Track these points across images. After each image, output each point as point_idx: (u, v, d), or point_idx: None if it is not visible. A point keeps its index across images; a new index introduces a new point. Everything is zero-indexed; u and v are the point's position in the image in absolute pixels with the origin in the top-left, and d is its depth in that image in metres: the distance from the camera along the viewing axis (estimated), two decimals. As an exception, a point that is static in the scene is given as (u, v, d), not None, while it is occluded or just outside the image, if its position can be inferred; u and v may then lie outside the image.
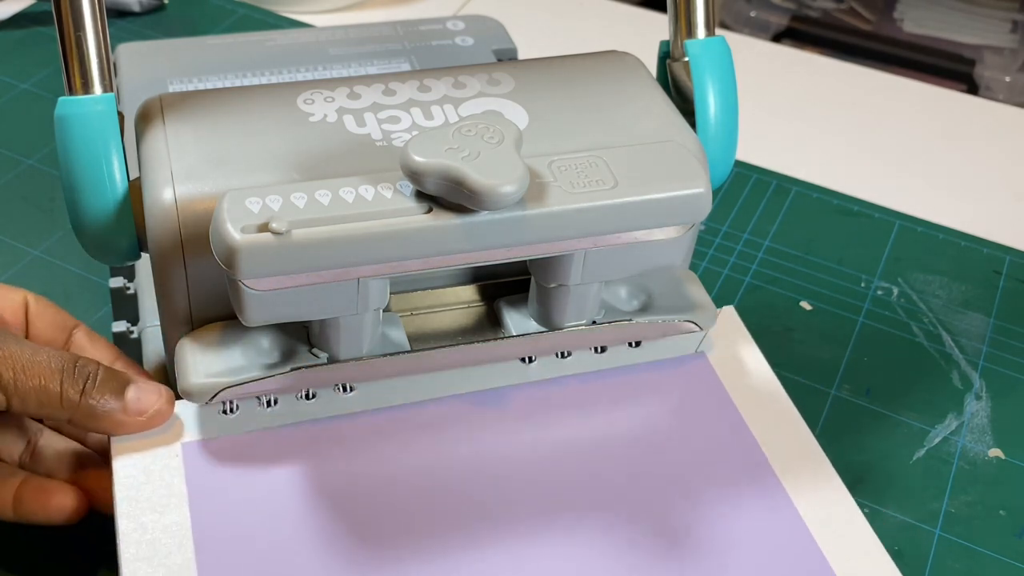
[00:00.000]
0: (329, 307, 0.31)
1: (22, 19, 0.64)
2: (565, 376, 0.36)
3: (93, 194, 0.32)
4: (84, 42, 0.32)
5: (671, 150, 0.32)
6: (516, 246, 0.30)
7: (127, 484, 0.32)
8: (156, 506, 0.32)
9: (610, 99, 0.36)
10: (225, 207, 0.29)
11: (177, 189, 0.31)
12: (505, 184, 0.28)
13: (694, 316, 0.36)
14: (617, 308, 0.36)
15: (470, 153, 0.29)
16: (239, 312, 0.31)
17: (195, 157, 0.32)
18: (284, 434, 0.34)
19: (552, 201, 0.30)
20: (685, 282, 0.37)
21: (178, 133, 0.33)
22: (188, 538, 0.31)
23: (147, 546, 0.31)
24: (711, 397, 0.36)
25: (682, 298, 0.36)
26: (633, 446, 0.35)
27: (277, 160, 0.32)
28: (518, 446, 0.34)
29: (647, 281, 0.36)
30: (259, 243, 0.28)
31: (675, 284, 0.36)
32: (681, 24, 0.38)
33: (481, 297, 0.37)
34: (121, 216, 0.32)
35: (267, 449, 0.34)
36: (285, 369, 0.33)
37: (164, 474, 0.32)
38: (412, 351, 0.34)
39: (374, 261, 0.29)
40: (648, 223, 0.31)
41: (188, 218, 0.31)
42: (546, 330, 0.35)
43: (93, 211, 0.32)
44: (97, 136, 0.32)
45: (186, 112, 0.34)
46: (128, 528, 0.31)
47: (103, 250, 0.33)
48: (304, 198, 0.29)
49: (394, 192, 0.29)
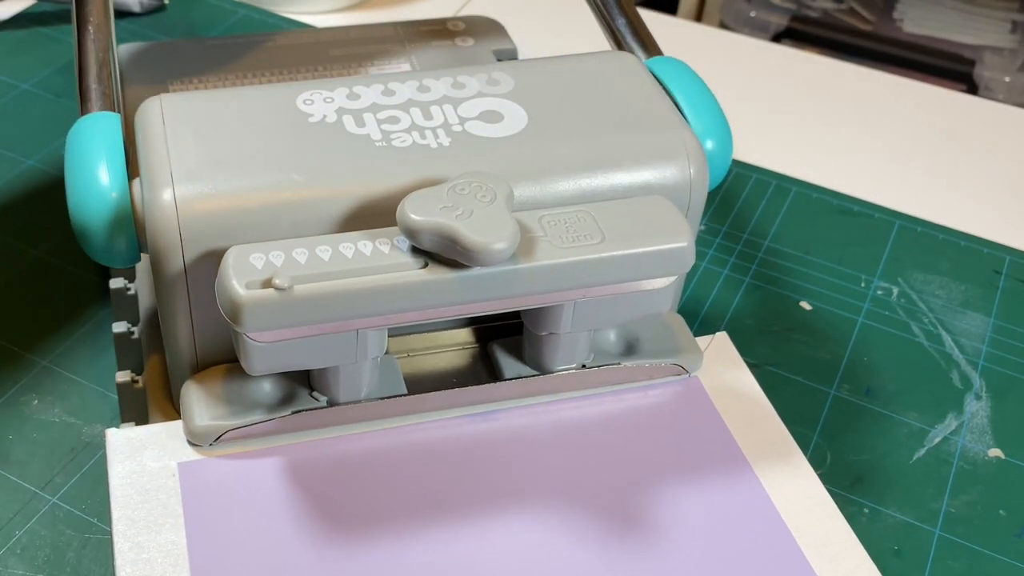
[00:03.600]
0: (330, 357, 0.32)
1: (22, 19, 0.64)
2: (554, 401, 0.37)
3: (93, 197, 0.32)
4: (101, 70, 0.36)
5: (657, 204, 0.33)
6: (508, 298, 0.31)
7: (123, 504, 0.32)
8: (152, 525, 0.32)
9: (610, 99, 0.36)
10: (230, 263, 0.30)
11: (177, 190, 0.31)
12: (497, 242, 0.30)
13: (680, 360, 0.37)
14: (606, 351, 0.37)
15: (463, 211, 0.30)
16: (244, 362, 0.32)
17: (195, 158, 0.32)
18: (282, 453, 0.34)
19: (542, 256, 0.31)
20: (672, 326, 0.38)
21: (178, 133, 0.33)
22: (184, 558, 0.31)
23: (143, 565, 0.31)
24: (703, 418, 0.37)
25: (669, 342, 0.38)
26: (622, 460, 0.35)
27: (277, 161, 0.32)
28: (512, 463, 0.35)
29: (635, 326, 0.38)
30: (263, 298, 0.29)
31: (662, 328, 0.38)
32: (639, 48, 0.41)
33: (475, 339, 0.38)
34: (121, 217, 0.32)
35: (264, 469, 0.34)
36: (286, 412, 0.34)
37: (160, 494, 0.33)
38: (409, 395, 0.35)
39: (372, 314, 0.30)
40: (634, 275, 0.32)
41: (188, 219, 0.31)
42: (538, 373, 0.36)
43: (93, 214, 0.32)
44: (100, 146, 0.33)
45: (186, 112, 0.34)
46: (124, 547, 0.31)
47: (104, 252, 0.33)
48: (305, 253, 0.30)
49: (391, 248, 0.31)
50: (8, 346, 0.43)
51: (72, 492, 0.38)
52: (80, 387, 0.42)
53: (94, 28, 0.37)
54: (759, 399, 0.38)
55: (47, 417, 0.41)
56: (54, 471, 0.39)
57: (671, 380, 0.38)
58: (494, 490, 0.34)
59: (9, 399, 0.41)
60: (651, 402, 0.37)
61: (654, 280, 0.33)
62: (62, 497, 0.38)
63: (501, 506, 0.33)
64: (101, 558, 0.36)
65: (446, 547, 0.32)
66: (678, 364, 0.37)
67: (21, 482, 0.38)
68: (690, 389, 0.38)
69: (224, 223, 0.31)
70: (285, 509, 0.33)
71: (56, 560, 0.36)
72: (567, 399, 0.37)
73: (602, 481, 0.34)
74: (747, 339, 0.45)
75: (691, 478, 0.35)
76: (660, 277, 0.33)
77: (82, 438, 0.40)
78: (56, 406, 0.41)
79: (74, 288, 0.46)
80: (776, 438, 0.36)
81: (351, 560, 0.32)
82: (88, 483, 0.38)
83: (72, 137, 0.34)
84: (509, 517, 0.33)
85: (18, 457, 0.39)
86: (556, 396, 0.37)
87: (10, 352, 0.43)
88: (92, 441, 0.40)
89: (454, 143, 0.34)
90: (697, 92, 0.38)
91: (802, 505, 0.34)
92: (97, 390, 0.42)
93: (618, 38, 0.42)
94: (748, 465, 0.35)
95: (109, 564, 0.36)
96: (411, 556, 0.32)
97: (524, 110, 0.35)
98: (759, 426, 0.37)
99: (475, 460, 0.35)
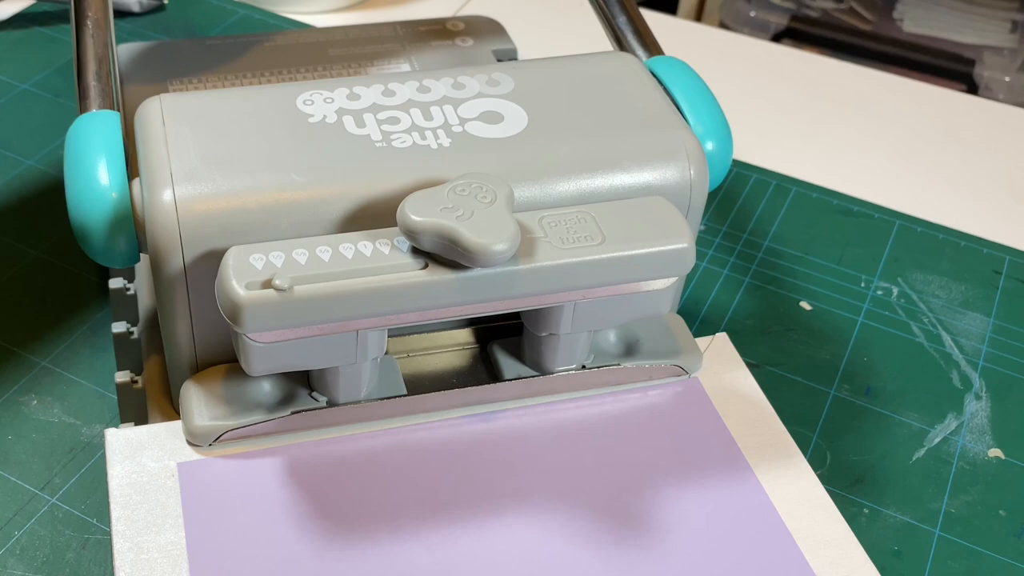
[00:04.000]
0: (329, 357, 0.32)
1: (22, 19, 0.64)
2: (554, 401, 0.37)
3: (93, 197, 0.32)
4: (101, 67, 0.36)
5: (657, 205, 0.33)
6: (508, 299, 0.31)
7: (123, 504, 0.32)
8: (151, 526, 0.32)
9: (610, 99, 0.36)
10: (230, 264, 0.30)
11: (177, 190, 0.31)
12: (497, 243, 0.30)
13: (680, 360, 0.37)
14: (606, 352, 0.37)
15: (464, 213, 0.30)
16: (243, 363, 0.32)
17: (195, 158, 0.32)
18: (281, 454, 0.34)
19: (542, 257, 0.31)
20: (672, 327, 0.38)
21: (178, 134, 0.33)
22: (183, 558, 0.31)
23: (142, 566, 0.31)
24: (703, 419, 0.37)
25: (669, 342, 0.38)
26: (621, 461, 0.35)
27: (277, 161, 0.32)
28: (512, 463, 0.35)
29: (635, 327, 0.38)
30: (263, 299, 0.29)
31: (662, 329, 0.38)
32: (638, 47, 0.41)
33: (475, 340, 0.38)
34: (120, 217, 0.32)
35: (264, 469, 0.34)
36: (286, 412, 0.34)
37: (159, 494, 0.33)
38: (409, 395, 0.35)
39: (372, 314, 0.30)
40: (634, 276, 0.32)
41: (188, 219, 0.31)
42: (538, 374, 0.36)
43: (93, 213, 0.32)
44: (100, 146, 0.33)
45: (186, 112, 0.34)
46: (123, 548, 0.31)
47: (103, 252, 0.33)
48: (306, 254, 0.30)
49: (392, 248, 0.31)
50: (8, 346, 0.43)
51: (71, 492, 0.38)
52: (80, 387, 0.42)
53: (93, 24, 0.37)
54: (759, 400, 0.38)
55: (47, 417, 0.41)
56: (53, 471, 0.39)
57: (671, 381, 0.38)
58: (493, 491, 0.34)
59: (9, 399, 0.41)
60: (651, 403, 0.37)
61: (655, 281, 0.33)
62: (61, 497, 0.38)
63: (500, 507, 0.33)
64: (100, 558, 0.36)
65: (446, 548, 0.32)
66: (678, 365, 0.37)
67: (20, 482, 0.38)
68: (690, 390, 0.38)
69: (224, 223, 0.31)
70: (285, 510, 0.33)
71: (55, 560, 0.36)
72: (567, 399, 0.37)
73: (602, 482, 0.34)
74: (747, 339, 0.45)
75: (691, 479, 0.35)
76: (661, 278, 0.33)
77: (81, 438, 0.40)
78: (56, 406, 0.41)
79: (74, 288, 0.46)
80: (776, 439, 0.36)
81: (351, 561, 0.32)
82: (87, 483, 0.38)
83: (71, 136, 0.34)
84: (508, 518, 0.33)
85: (18, 457, 0.39)
86: (556, 397, 0.37)
87: (10, 352, 0.43)
88: (91, 441, 0.40)
89: (454, 144, 0.34)
90: (698, 92, 0.38)
91: (802, 507, 0.34)
92: (96, 390, 0.42)
93: (619, 37, 0.42)
94: (748, 467, 0.35)
95: (109, 564, 0.36)
96: (411, 556, 0.32)
97: (524, 111, 0.35)
98: (759, 427, 0.37)
99: (474, 461, 0.35)
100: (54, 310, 0.45)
